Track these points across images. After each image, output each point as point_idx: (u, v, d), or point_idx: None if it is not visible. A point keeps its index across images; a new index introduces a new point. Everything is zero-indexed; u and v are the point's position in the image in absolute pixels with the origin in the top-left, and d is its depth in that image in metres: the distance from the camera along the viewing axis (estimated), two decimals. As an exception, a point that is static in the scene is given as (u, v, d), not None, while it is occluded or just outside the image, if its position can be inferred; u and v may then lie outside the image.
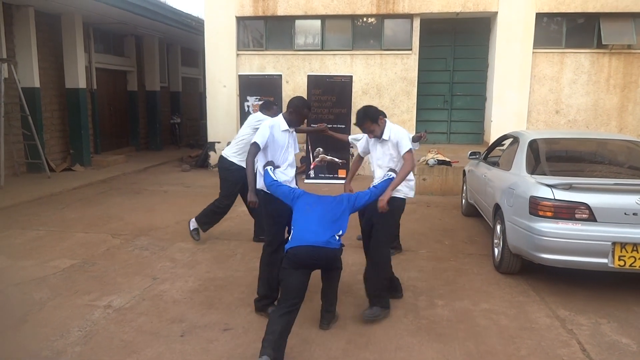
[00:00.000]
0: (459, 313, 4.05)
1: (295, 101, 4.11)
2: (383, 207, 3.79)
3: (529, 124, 10.64)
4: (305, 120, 4.64)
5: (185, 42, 16.44)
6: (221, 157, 5.74)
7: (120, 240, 5.99)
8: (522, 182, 4.69)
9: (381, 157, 4.14)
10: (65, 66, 11.14)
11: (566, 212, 4.16)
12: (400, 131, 4.09)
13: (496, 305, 4.19)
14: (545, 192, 4.27)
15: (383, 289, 3.99)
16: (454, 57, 11.27)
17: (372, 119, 4.01)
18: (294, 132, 4.22)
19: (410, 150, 3.98)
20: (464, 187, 7.55)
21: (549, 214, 4.21)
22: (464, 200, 7.53)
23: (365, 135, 4.27)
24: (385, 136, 4.05)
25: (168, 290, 4.47)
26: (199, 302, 4.21)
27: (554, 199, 4.20)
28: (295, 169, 4.25)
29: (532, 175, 4.70)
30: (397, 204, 4.02)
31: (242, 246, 5.79)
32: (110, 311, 4.02)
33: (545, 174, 4.70)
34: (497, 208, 5.20)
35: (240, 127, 10.42)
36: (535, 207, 4.28)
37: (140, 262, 5.21)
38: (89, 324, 3.80)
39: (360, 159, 4.66)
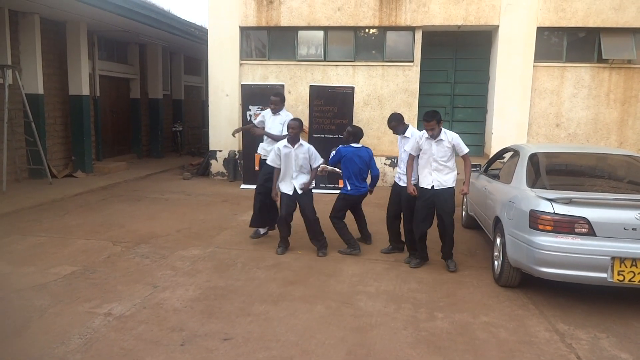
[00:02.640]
0: (458, 326, 4.06)
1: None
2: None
3: (529, 137, 10.69)
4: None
5: (188, 50, 16.56)
6: None
7: (121, 248, 6.00)
8: (522, 195, 4.72)
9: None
10: (69, 73, 11.23)
11: (566, 226, 4.19)
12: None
13: (496, 319, 4.20)
14: (545, 206, 4.29)
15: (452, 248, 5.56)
16: (456, 69, 11.36)
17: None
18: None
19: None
20: (464, 200, 7.58)
21: (548, 227, 4.24)
22: (464, 213, 7.55)
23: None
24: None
25: (168, 298, 4.48)
26: (199, 311, 4.22)
27: (554, 213, 4.23)
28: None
29: (532, 189, 4.73)
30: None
31: (242, 255, 5.81)
32: (111, 319, 4.03)
33: (545, 188, 4.73)
34: (497, 221, 5.23)
35: (243, 135, 10.53)
36: (535, 220, 4.30)
37: (141, 270, 5.22)
38: (89, 331, 3.81)
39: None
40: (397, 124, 5.76)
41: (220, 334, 3.82)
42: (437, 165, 5.34)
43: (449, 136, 5.35)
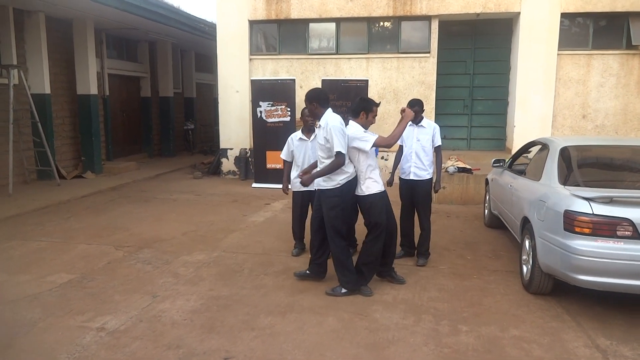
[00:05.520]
0: (485, 341, 3.63)
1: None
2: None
3: (553, 130, 10.13)
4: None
5: (199, 47, 16.27)
6: None
7: (123, 253, 5.70)
8: (554, 194, 4.26)
9: None
10: (77, 72, 11.01)
11: (607, 228, 3.72)
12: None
13: (527, 332, 3.76)
14: (582, 206, 3.83)
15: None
16: (474, 59, 10.83)
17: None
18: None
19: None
20: (487, 197, 7.11)
21: (586, 230, 3.78)
22: (486, 211, 7.08)
23: None
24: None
25: (167, 310, 4.14)
26: (199, 325, 3.87)
27: (593, 214, 3.76)
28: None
29: (565, 187, 4.27)
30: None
31: (250, 260, 5.45)
32: (103, 334, 3.70)
33: (579, 185, 4.26)
34: (525, 221, 4.77)
35: (254, 133, 10.21)
36: (571, 222, 3.84)
37: (141, 278, 4.90)
38: (78, 349, 3.48)
39: None
40: (420, 110, 5.30)
41: (220, 351, 3.46)
42: None
43: None
